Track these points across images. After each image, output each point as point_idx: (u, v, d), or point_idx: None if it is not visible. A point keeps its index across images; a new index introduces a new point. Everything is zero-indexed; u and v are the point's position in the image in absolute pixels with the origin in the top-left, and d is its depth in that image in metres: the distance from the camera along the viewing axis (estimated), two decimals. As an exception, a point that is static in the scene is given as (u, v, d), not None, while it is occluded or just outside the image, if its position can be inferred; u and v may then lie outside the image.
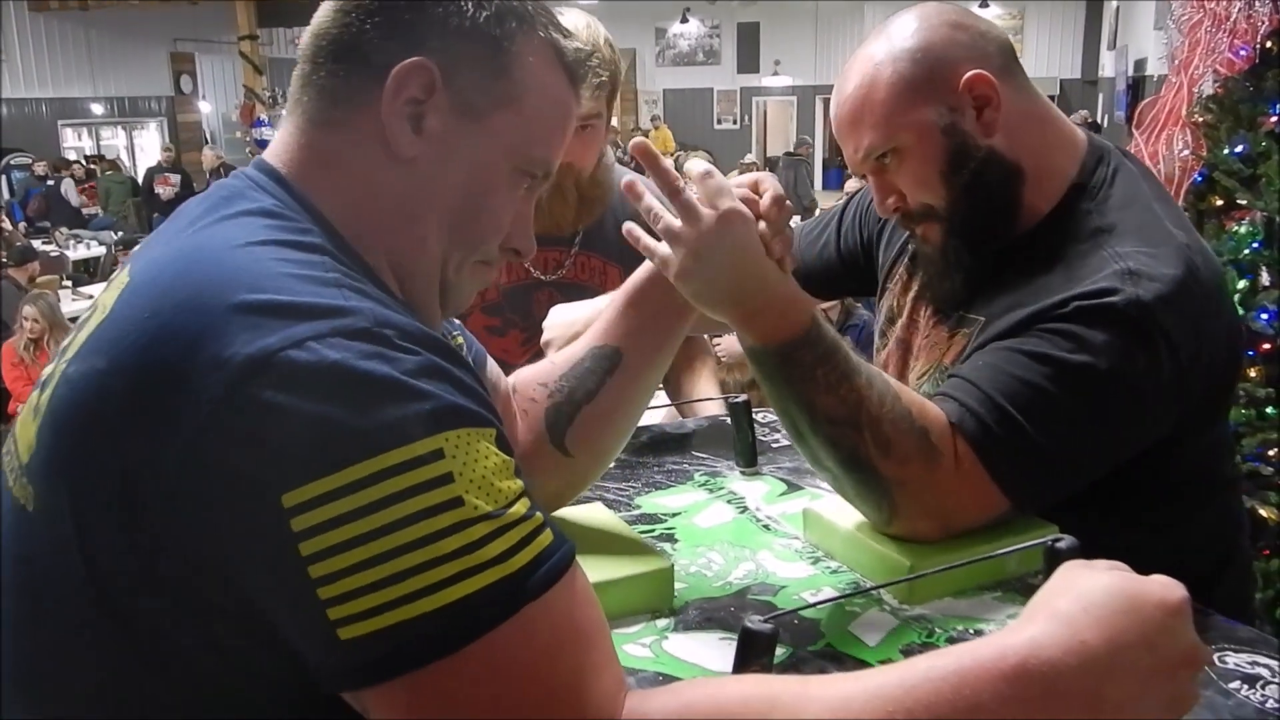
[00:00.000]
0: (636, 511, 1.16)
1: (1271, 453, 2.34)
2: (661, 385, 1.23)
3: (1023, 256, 1.04)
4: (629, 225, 0.94)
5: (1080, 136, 1.09)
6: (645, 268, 0.97)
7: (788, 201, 0.92)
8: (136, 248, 0.72)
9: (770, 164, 11.38)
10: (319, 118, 0.70)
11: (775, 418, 1.45)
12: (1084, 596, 0.62)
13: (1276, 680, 0.82)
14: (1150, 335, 0.92)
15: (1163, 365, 0.93)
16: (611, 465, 1.12)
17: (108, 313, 0.63)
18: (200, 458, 0.54)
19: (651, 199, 0.92)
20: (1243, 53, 2.58)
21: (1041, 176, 1.04)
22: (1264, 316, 2.46)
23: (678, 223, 0.88)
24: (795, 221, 1.24)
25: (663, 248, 0.90)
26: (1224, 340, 1.02)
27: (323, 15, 0.71)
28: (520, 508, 0.58)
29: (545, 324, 1.25)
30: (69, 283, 7.81)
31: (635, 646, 0.88)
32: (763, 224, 0.90)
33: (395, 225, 0.70)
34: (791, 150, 12.24)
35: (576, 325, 1.16)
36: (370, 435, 0.54)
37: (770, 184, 0.92)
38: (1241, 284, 2.48)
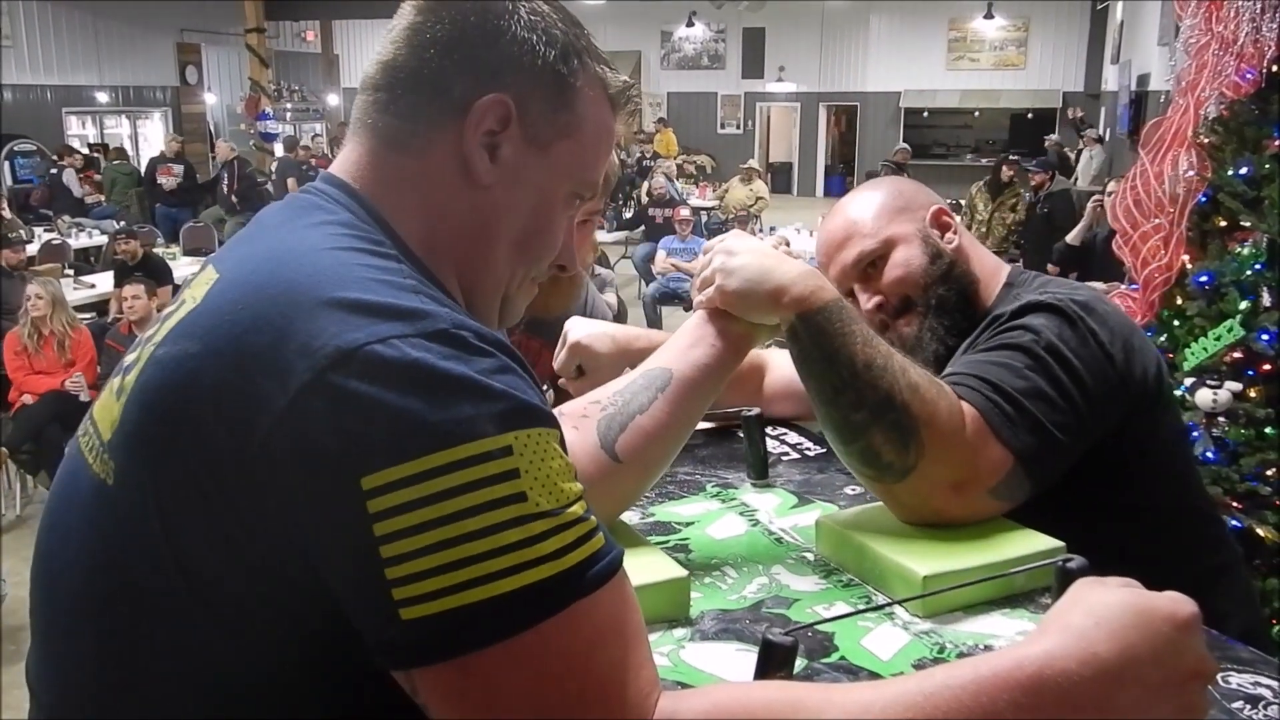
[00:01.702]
0: (650, 520, 1.18)
1: (1270, 472, 2.37)
2: None
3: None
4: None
5: (1007, 266, 1.38)
6: (700, 314, 1.10)
7: None
8: (219, 250, 0.75)
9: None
10: (395, 142, 0.74)
11: (784, 431, 1.48)
12: (1096, 611, 0.65)
13: (1278, 701, 0.84)
14: (1073, 319, 1.13)
15: (1089, 340, 1.12)
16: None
17: (198, 303, 0.66)
18: (286, 438, 0.57)
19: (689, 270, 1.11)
20: (1249, 76, 2.61)
21: (987, 284, 1.32)
22: (1265, 337, 2.49)
23: (704, 259, 1.11)
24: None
25: (708, 288, 1.08)
26: (1140, 355, 1.17)
27: (396, 47, 0.75)
28: (578, 509, 0.61)
29: (571, 326, 1.34)
30: (70, 271, 7.82)
31: (654, 655, 0.89)
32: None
33: (467, 244, 0.75)
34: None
35: (609, 331, 1.34)
36: (446, 428, 0.57)
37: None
38: (1244, 305, 2.51)
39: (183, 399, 0.62)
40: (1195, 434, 2.42)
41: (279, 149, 12.13)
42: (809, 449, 1.43)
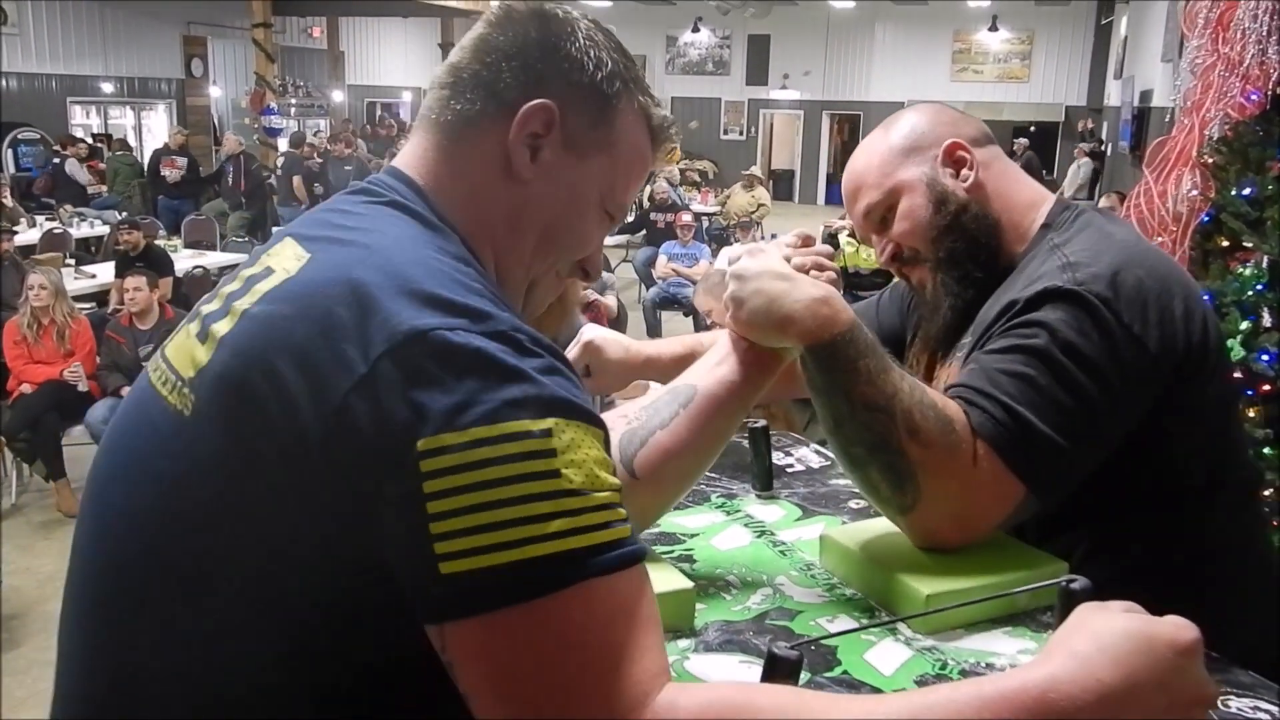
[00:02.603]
0: (655, 530, 1.18)
1: (1268, 493, 2.38)
2: None
3: (999, 287, 1.18)
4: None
5: (1050, 195, 1.25)
6: (722, 340, 1.08)
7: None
8: (298, 227, 0.83)
9: (775, 176, 11.38)
10: (454, 135, 0.84)
11: (790, 443, 1.49)
12: (1100, 637, 0.66)
13: (1278, 727, 0.85)
14: (1093, 306, 1.04)
15: (1112, 329, 1.04)
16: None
17: (290, 275, 0.74)
18: (362, 400, 0.64)
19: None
20: (1254, 97, 2.62)
21: (1016, 225, 1.21)
22: (1264, 358, 2.50)
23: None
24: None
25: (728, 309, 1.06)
26: (1183, 323, 1.08)
27: (464, 53, 0.85)
28: (610, 497, 0.66)
29: (586, 331, 1.37)
30: (72, 260, 7.81)
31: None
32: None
33: (503, 231, 0.84)
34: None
35: (622, 339, 1.35)
36: (494, 406, 0.64)
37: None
38: (1244, 325, 2.52)
39: (273, 350, 0.69)
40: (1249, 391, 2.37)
41: (283, 144, 12.12)
42: (814, 461, 1.44)
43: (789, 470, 1.38)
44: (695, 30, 18.70)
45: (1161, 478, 1.12)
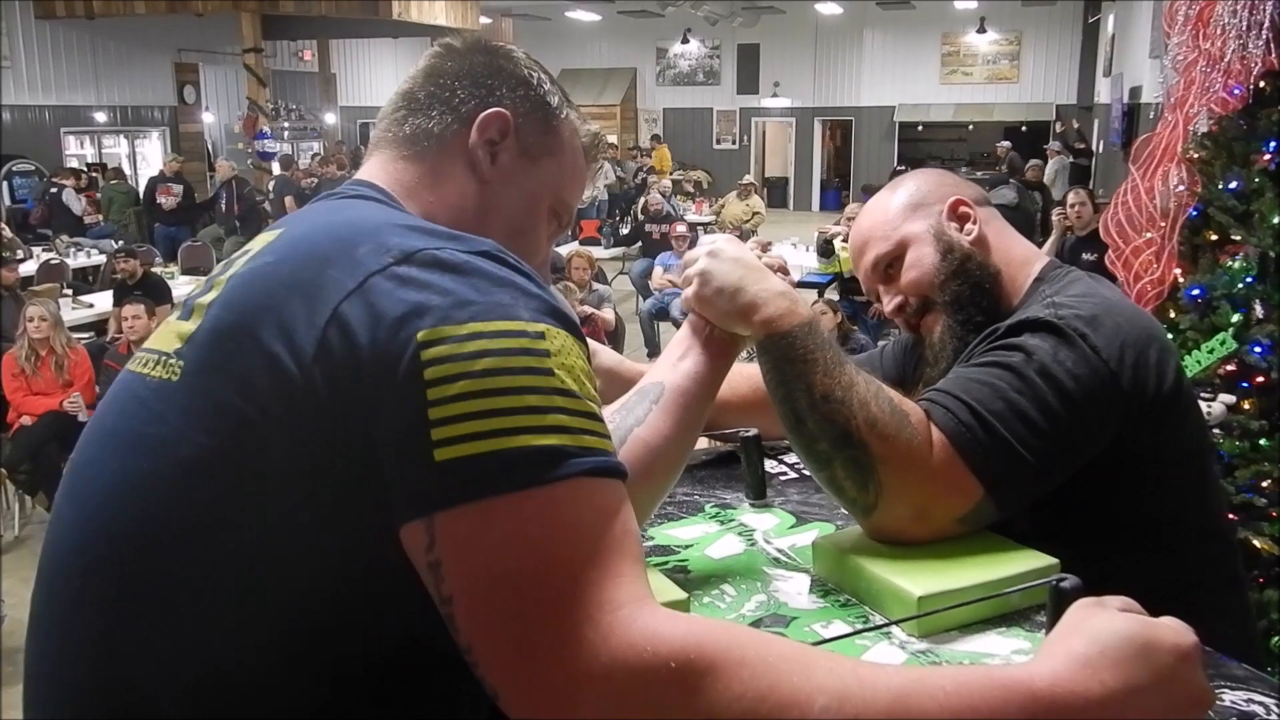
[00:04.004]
0: (650, 544, 1.19)
1: (1265, 484, 2.39)
2: None
3: None
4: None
5: (1044, 256, 1.33)
6: (686, 325, 1.12)
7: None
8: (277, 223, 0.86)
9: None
10: (412, 149, 0.90)
11: (783, 451, 1.50)
12: (1100, 639, 0.66)
13: (1272, 717, 0.85)
14: (1070, 337, 1.09)
15: (1088, 359, 1.08)
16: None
17: (269, 242, 0.77)
18: (356, 307, 0.66)
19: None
20: (1236, 92, 2.64)
21: (1013, 279, 1.28)
22: (1258, 350, 2.51)
23: (692, 253, 1.14)
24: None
25: (690, 283, 1.10)
26: (1155, 369, 1.12)
27: (414, 81, 0.93)
28: (597, 410, 0.68)
29: None
30: (69, 290, 7.83)
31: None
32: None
33: (467, 231, 0.83)
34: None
35: (596, 346, 1.34)
36: (489, 306, 0.67)
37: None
38: (1236, 318, 2.53)
39: (267, 291, 0.71)
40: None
41: (276, 168, 12.17)
42: (807, 469, 1.44)
43: (782, 478, 1.39)
44: (685, 41, 18.77)
45: (1139, 517, 1.15)
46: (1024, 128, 17.38)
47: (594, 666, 0.59)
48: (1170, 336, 2.68)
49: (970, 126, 18.47)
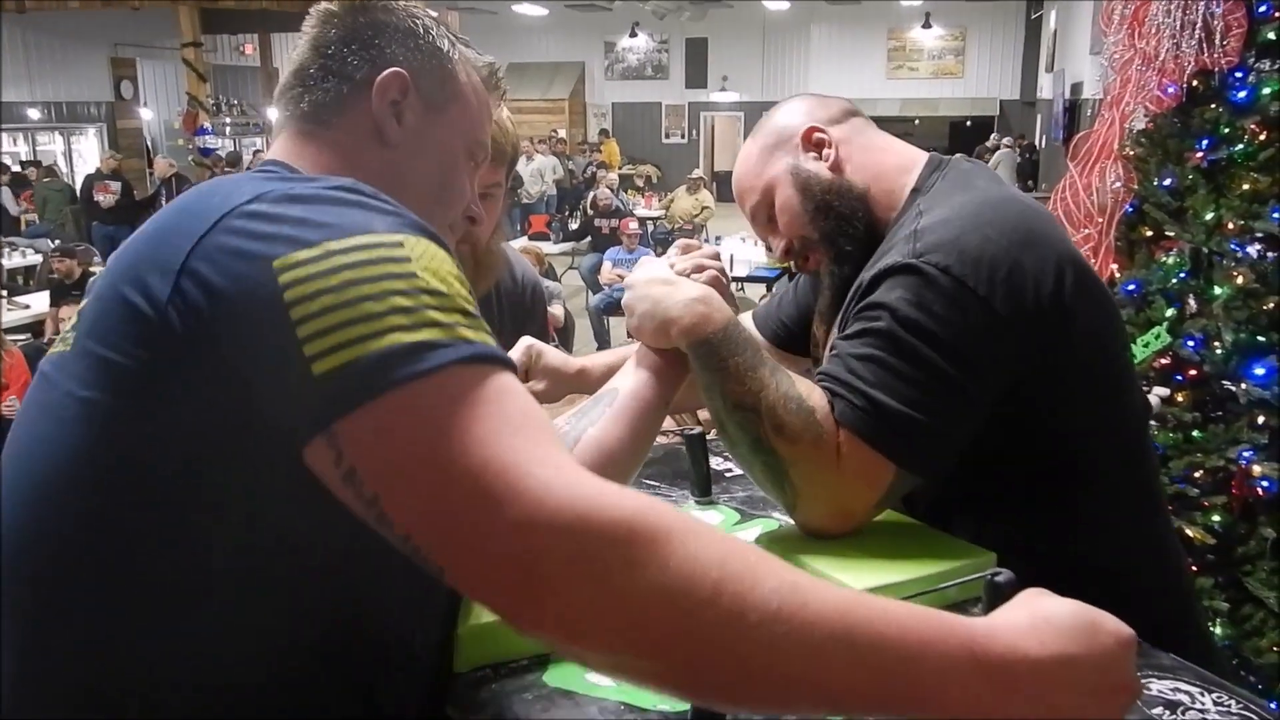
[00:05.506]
0: (595, 542, 1.19)
1: (1198, 474, 2.44)
2: None
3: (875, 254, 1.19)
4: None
5: (921, 156, 1.25)
6: (640, 345, 1.12)
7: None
8: None
9: (718, 178, 11.34)
10: (315, 124, 0.89)
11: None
12: (1045, 611, 0.67)
13: (1196, 706, 0.87)
14: (932, 276, 1.04)
15: (954, 296, 1.03)
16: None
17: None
18: (209, 248, 0.68)
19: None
20: (1171, 90, 2.69)
21: (887, 192, 1.22)
22: (1190, 343, 2.57)
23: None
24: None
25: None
26: (1033, 279, 1.05)
27: (302, 55, 0.91)
28: (470, 308, 0.68)
29: (526, 337, 1.40)
30: (3, 292, 7.63)
31: (597, 675, 0.91)
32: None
33: (389, 194, 0.82)
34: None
35: (557, 351, 1.38)
36: (342, 224, 0.68)
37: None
38: (1170, 312, 2.59)
39: (131, 250, 0.74)
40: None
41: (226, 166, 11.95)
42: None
43: (727, 475, 1.40)
44: (633, 35, 18.76)
45: (1055, 458, 1.11)
46: (969, 122, 17.64)
47: (539, 515, 0.58)
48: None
49: (916, 121, 18.68)
